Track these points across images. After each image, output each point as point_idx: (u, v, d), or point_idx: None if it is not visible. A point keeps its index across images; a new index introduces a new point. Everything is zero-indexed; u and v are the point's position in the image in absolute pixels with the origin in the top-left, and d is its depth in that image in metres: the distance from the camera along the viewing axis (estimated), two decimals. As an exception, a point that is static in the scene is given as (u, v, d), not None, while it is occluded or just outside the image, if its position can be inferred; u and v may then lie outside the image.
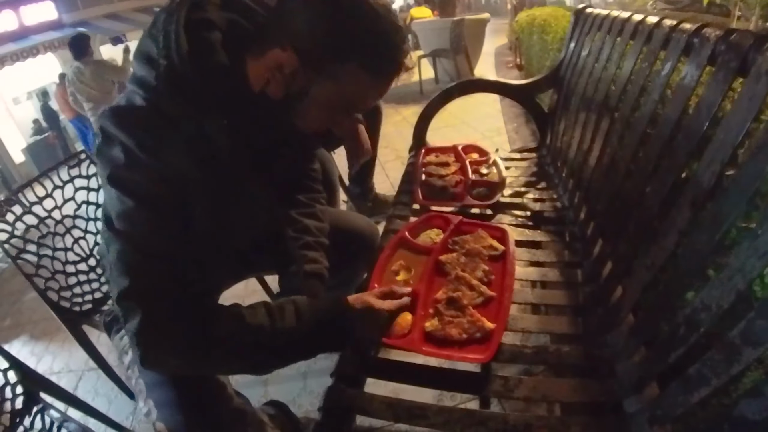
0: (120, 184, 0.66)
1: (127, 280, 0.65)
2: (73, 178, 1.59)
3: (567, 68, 1.58)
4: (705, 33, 0.75)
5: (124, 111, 0.68)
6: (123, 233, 0.67)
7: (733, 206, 0.55)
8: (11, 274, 3.94)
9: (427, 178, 1.45)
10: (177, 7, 0.69)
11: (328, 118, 0.77)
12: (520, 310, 0.96)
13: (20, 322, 2.89)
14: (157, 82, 0.66)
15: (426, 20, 6.90)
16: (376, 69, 0.71)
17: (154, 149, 0.66)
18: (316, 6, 0.67)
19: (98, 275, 1.59)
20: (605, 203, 1.04)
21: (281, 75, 0.70)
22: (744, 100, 0.59)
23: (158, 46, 0.67)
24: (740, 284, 0.49)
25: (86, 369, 2.10)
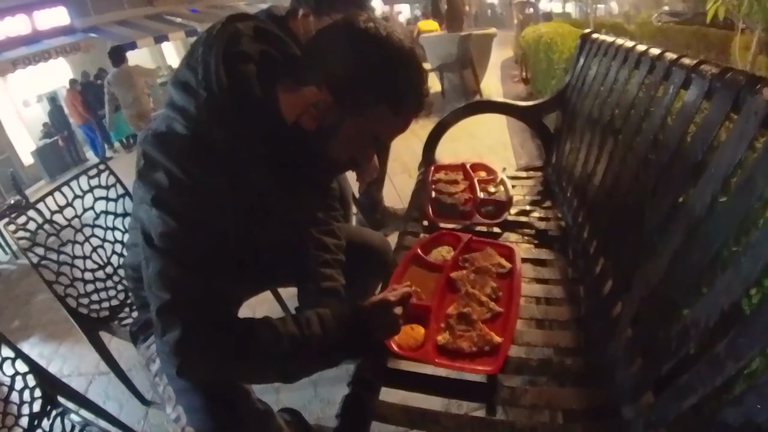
0: (164, 206, 0.71)
1: (168, 294, 0.69)
2: (92, 188, 1.64)
3: (573, 91, 1.64)
4: (703, 69, 0.80)
5: (167, 138, 0.73)
6: (165, 251, 0.71)
7: (722, 232, 0.60)
8: (19, 276, 4.00)
9: (437, 196, 1.50)
10: (214, 40, 0.74)
11: (357, 148, 0.82)
12: (526, 324, 1.01)
13: (29, 325, 2.93)
14: (198, 111, 0.71)
15: (433, 34, 6.98)
16: (404, 109, 0.77)
17: (196, 175, 0.71)
18: (351, 51, 0.72)
19: (115, 283, 1.64)
20: (607, 223, 1.09)
21: (315, 110, 0.75)
22: (734, 136, 0.64)
23: (197, 77, 0.72)
24: (725, 304, 0.54)
25: (97, 373, 2.13)
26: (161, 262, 0.71)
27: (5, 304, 3.45)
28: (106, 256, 1.65)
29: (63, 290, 1.49)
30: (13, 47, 10.09)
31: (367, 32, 0.73)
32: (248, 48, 0.76)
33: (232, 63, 0.73)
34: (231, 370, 0.74)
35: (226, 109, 0.71)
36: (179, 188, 0.70)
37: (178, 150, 0.71)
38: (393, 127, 0.80)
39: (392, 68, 0.73)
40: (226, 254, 0.74)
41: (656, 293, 0.76)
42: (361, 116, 0.75)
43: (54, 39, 10.69)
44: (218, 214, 0.73)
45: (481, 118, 1.94)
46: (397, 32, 0.75)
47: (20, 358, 1.19)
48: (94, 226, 1.64)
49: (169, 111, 0.74)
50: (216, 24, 0.77)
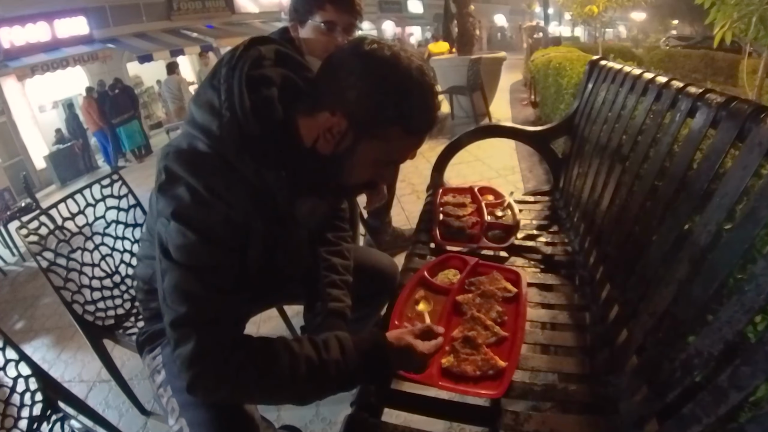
0: (184, 220, 0.72)
1: (184, 307, 0.70)
2: (105, 197, 1.67)
3: (581, 116, 1.66)
4: (708, 98, 0.82)
5: (189, 155, 0.75)
6: (182, 264, 0.72)
7: (727, 261, 0.60)
8: (26, 279, 4.03)
9: (444, 219, 1.51)
10: (237, 62, 0.75)
11: (372, 172, 0.82)
12: (531, 349, 1.00)
13: (33, 328, 2.95)
14: (221, 131, 0.73)
15: (444, 57, 7.08)
16: (417, 130, 0.77)
17: (218, 192, 0.72)
18: (360, 74, 0.73)
19: (122, 292, 1.65)
20: (614, 249, 1.09)
21: (331, 135, 0.77)
22: (739, 166, 0.64)
23: (220, 98, 0.74)
24: (728, 335, 0.55)
25: (98, 380, 2.14)
26: (178, 275, 0.72)
27: (11, 306, 3.48)
28: (114, 265, 1.67)
29: (70, 296, 1.50)
30: (32, 53, 10.32)
31: (373, 54, 0.74)
32: (270, 72, 0.78)
33: (255, 86, 0.75)
34: (243, 389, 0.73)
35: (248, 130, 0.73)
36: (200, 203, 0.72)
37: (201, 167, 0.73)
38: (407, 147, 0.80)
39: (401, 88, 0.73)
40: (243, 271, 0.76)
41: (662, 322, 0.76)
42: (375, 138, 0.76)
43: (73, 47, 10.93)
44: (238, 232, 0.75)
45: (490, 141, 1.96)
46: (404, 51, 0.76)
47: (24, 361, 1.20)
48: (104, 235, 1.66)
49: (190, 129, 0.76)
50: (239, 46, 0.78)
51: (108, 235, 1.67)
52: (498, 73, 6.60)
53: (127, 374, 1.73)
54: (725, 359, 0.55)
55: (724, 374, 0.52)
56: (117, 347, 1.59)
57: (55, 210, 1.60)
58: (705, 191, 0.73)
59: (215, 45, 12.95)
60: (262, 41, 0.82)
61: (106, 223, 1.67)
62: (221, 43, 13.09)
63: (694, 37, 18.39)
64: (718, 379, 0.53)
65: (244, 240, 0.76)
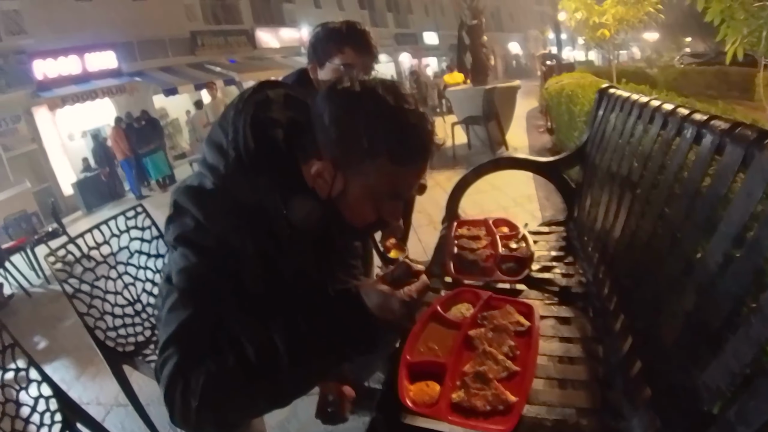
0: (186, 243, 0.77)
1: (173, 327, 0.73)
2: (129, 229, 1.74)
3: (592, 145, 1.67)
4: (713, 125, 0.82)
5: (196, 190, 0.79)
6: (180, 288, 0.76)
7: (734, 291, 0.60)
8: (50, 300, 4.15)
9: (459, 252, 1.51)
10: (244, 105, 0.80)
11: (374, 208, 0.80)
12: (543, 384, 0.99)
13: (53, 349, 3.03)
14: (226, 170, 0.77)
15: (459, 88, 7.19)
16: (404, 159, 0.74)
17: (220, 224, 0.76)
18: (336, 117, 0.74)
19: (142, 320, 1.70)
20: (627, 279, 1.09)
21: (323, 180, 0.78)
22: (743, 195, 0.64)
23: (227, 139, 0.78)
24: (735, 368, 0.54)
25: (115, 404, 2.17)
26: (175, 298, 0.75)
27: (34, 326, 3.58)
28: (136, 294, 1.72)
29: (93, 322, 1.56)
30: (63, 85, 10.89)
31: (343, 93, 0.75)
32: (277, 115, 0.81)
33: (260, 128, 0.78)
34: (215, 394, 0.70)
35: (252, 169, 0.76)
36: (203, 232, 0.76)
37: (206, 201, 0.77)
38: (400, 179, 0.77)
39: (374, 119, 0.72)
40: (238, 301, 0.78)
41: (672, 353, 0.75)
42: (364, 175, 0.75)
43: (101, 80, 11.48)
44: (238, 262, 0.77)
45: (507, 171, 1.98)
46: (383, 83, 0.75)
47: (45, 382, 1.24)
48: (127, 264, 1.72)
49: (201, 168, 0.81)
50: (248, 90, 0.83)
51: (131, 265, 1.73)
52: (513, 102, 6.66)
53: (144, 399, 1.75)
54: (734, 393, 0.54)
55: (732, 409, 0.51)
56: (135, 372, 1.62)
57: (81, 239, 1.66)
58: (710, 220, 0.73)
59: (237, 79, 13.44)
60: (271, 85, 0.86)
61: (129, 253, 1.74)
62: (243, 77, 13.57)
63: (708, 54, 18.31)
64: (726, 414, 0.52)
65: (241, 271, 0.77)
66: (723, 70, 11.23)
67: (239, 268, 0.78)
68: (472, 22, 6.80)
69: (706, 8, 3.10)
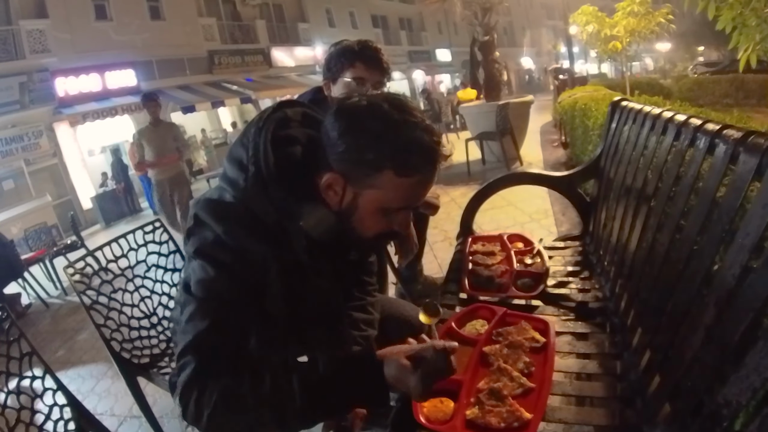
0: (205, 256, 0.79)
1: (190, 336, 0.76)
2: (147, 243, 1.77)
3: (606, 159, 1.66)
4: (726, 134, 0.82)
5: (216, 204, 0.82)
6: (199, 299, 0.78)
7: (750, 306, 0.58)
8: (68, 312, 4.22)
9: (474, 268, 1.51)
10: (264, 123, 0.82)
11: (384, 219, 0.82)
12: (560, 401, 0.97)
13: (70, 360, 3.07)
14: (246, 184, 0.79)
15: (472, 105, 7.22)
16: (409, 171, 0.76)
17: (239, 237, 0.78)
18: (343, 130, 0.76)
19: (158, 333, 1.71)
20: (644, 294, 1.07)
21: (333, 193, 0.80)
22: (758, 205, 0.63)
23: (248, 154, 0.80)
24: (756, 383, 0.52)
25: (129, 416, 2.18)
26: (193, 307, 0.78)
27: (52, 336, 3.63)
28: (152, 307, 1.74)
29: (109, 333, 1.57)
30: (84, 102, 11.23)
31: (350, 108, 0.78)
32: (296, 132, 0.84)
33: (280, 145, 0.81)
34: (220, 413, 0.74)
35: (271, 184, 0.78)
36: (222, 246, 0.78)
37: (226, 215, 0.80)
38: (408, 191, 0.79)
39: (379, 132, 0.74)
40: (251, 312, 0.80)
41: (692, 369, 0.73)
42: (372, 188, 0.77)
43: (121, 98, 11.83)
44: (255, 276, 0.79)
45: (522, 186, 1.97)
46: (389, 99, 0.77)
47: (61, 391, 1.26)
48: (144, 278, 1.74)
49: (222, 182, 0.84)
50: (268, 108, 0.86)
51: (148, 278, 1.75)
52: (527, 117, 6.66)
53: (158, 412, 1.76)
54: (756, 408, 0.53)
55: (753, 425, 0.50)
56: (150, 385, 1.63)
57: (100, 252, 1.70)
58: (727, 232, 0.72)
59: (254, 97, 13.73)
60: (290, 104, 0.89)
61: (146, 267, 1.76)
62: (259, 95, 13.87)
63: (722, 62, 18.13)
64: (746, 430, 0.51)
65: (258, 285, 0.80)
66: (739, 78, 11.09)
67: (257, 285, 0.80)
68: (484, 38, 6.84)
69: (717, 16, 3.08)
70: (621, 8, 8.44)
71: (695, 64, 20.86)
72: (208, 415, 0.74)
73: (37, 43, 10.59)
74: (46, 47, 10.68)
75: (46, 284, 5.01)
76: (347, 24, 20.92)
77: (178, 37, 13.55)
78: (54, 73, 10.80)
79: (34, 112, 10.45)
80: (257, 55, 16.44)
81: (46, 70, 10.68)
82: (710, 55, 24.86)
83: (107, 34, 11.97)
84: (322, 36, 18.18)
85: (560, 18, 21.01)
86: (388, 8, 24.28)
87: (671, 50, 28.44)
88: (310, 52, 18.34)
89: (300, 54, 18.14)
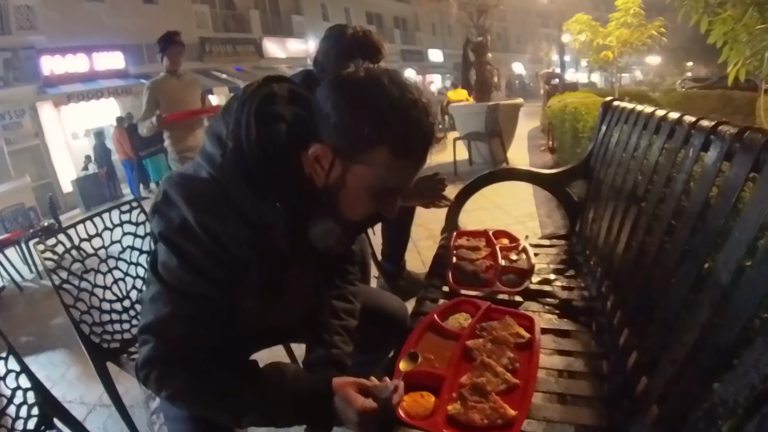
0: (170, 243, 0.75)
1: (152, 317, 0.76)
2: (122, 223, 1.69)
3: (596, 159, 1.65)
4: (721, 130, 0.80)
5: (189, 181, 0.76)
6: (164, 281, 0.76)
7: (749, 302, 0.57)
8: (42, 297, 4.12)
9: (458, 262, 1.48)
10: (249, 98, 0.77)
11: (370, 201, 0.79)
12: (544, 399, 0.94)
13: (42, 346, 2.98)
14: (222, 160, 0.74)
15: (462, 104, 7.24)
16: (405, 150, 0.73)
17: (209, 227, 0.73)
18: (340, 102, 0.72)
19: (130, 317, 1.64)
20: (632, 294, 1.05)
21: (320, 166, 0.76)
22: (756, 200, 0.62)
23: (227, 129, 0.75)
24: (755, 380, 0.51)
25: (99, 404, 2.12)
26: (156, 289, 0.76)
27: (24, 322, 3.54)
28: (125, 290, 1.67)
29: (79, 315, 1.50)
30: (70, 82, 10.97)
31: (348, 79, 0.74)
32: (282, 109, 0.79)
33: (263, 121, 0.76)
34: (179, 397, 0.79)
35: (249, 161, 0.73)
36: (188, 233, 0.73)
37: (196, 193, 0.74)
38: (400, 171, 0.76)
39: (378, 107, 0.71)
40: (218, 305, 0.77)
41: (684, 369, 0.71)
42: (363, 164, 0.74)
43: (108, 80, 11.59)
44: (225, 267, 0.75)
45: (508, 188, 1.95)
46: (387, 73, 0.74)
47: (24, 373, 1.19)
48: (118, 259, 1.67)
49: (198, 158, 0.78)
50: (253, 83, 0.81)
51: (122, 260, 1.68)
52: (516, 120, 6.70)
53: (128, 401, 1.69)
54: (753, 407, 0.51)
55: (752, 423, 0.48)
56: (122, 374, 1.57)
57: (74, 230, 1.62)
58: (723, 228, 0.70)
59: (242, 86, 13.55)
60: (277, 80, 0.83)
61: (121, 248, 1.69)
62: (248, 84, 13.72)
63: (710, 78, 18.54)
64: (744, 429, 0.49)
65: (230, 275, 0.76)
66: (726, 94, 11.35)
67: (226, 277, 0.76)
68: (478, 39, 6.87)
69: (709, 30, 3.12)
70: (614, 18, 8.55)
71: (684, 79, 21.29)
72: (167, 396, 0.78)
73: (25, 19, 10.33)
74: (34, 24, 10.42)
75: (21, 267, 4.88)
76: (342, 19, 20.76)
77: (170, 23, 13.12)
78: (40, 51, 10.54)
79: (18, 91, 10.18)
80: (249, 45, 16.28)
81: (32, 48, 10.41)
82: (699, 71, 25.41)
83: (98, 15, 11.71)
84: (315, 30, 18.05)
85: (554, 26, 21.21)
86: (383, 6, 24.28)
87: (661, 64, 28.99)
88: (303, 45, 18.23)
89: (292, 47, 18.02)
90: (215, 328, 0.78)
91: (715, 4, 3.10)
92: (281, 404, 0.81)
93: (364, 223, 0.86)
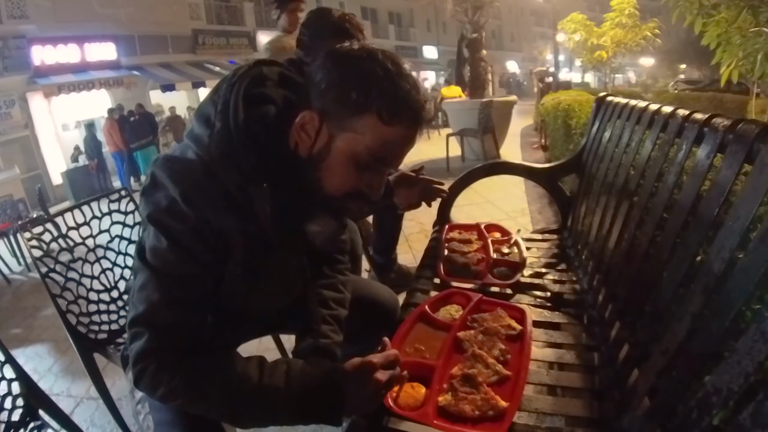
0: (158, 224, 0.73)
1: (143, 306, 0.72)
2: (111, 212, 1.66)
3: (589, 153, 1.65)
4: (714, 123, 0.80)
5: (175, 162, 0.75)
6: (152, 267, 0.73)
7: (743, 289, 0.57)
8: (29, 290, 4.07)
9: (449, 254, 1.47)
10: (238, 80, 0.76)
11: (355, 174, 0.76)
12: (536, 390, 0.94)
13: (29, 338, 2.94)
14: (209, 140, 0.73)
15: (456, 100, 7.23)
16: (394, 118, 0.71)
17: (196, 204, 0.72)
18: (331, 69, 0.72)
19: (118, 308, 1.62)
20: (623, 287, 1.06)
21: (305, 133, 0.75)
22: (749, 189, 0.62)
23: (216, 110, 0.74)
24: (749, 368, 0.50)
25: (86, 397, 2.10)
26: (146, 275, 0.73)
27: (11, 313, 3.50)
28: (113, 280, 1.65)
29: (65, 305, 1.48)
30: (61, 73, 10.80)
31: (341, 49, 0.74)
32: (271, 92, 0.78)
33: (252, 102, 0.75)
34: (177, 393, 0.73)
35: (236, 142, 0.72)
36: (176, 212, 0.72)
37: (183, 173, 0.73)
38: (387, 141, 0.73)
39: (368, 73, 0.70)
40: (216, 291, 0.76)
41: (675, 360, 0.71)
42: (350, 131, 0.72)
43: (100, 71, 11.44)
44: (212, 247, 0.74)
45: (500, 184, 1.95)
46: (382, 50, 0.74)
47: (9, 364, 1.18)
48: (106, 249, 1.64)
49: (186, 139, 0.77)
50: (243, 65, 0.80)
51: (111, 250, 1.65)
52: (509, 117, 6.72)
53: (116, 394, 1.67)
54: (747, 395, 0.50)
55: (746, 411, 0.48)
56: (109, 366, 1.55)
57: (61, 219, 1.60)
58: (716, 217, 0.71)
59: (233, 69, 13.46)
60: (267, 63, 0.82)
61: (110, 237, 1.66)
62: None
63: (703, 81, 18.67)
64: (739, 417, 0.48)
65: (216, 255, 0.75)
66: (718, 97, 11.43)
67: (214, 259, 0.75)
68: (473, 35, 6.87)
69: (703, 32, 3.14)
70: (609, 18, 8.58)
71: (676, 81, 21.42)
72: (162, 394, 0.73)
73: (16, 8, 10.17)
74: (25, 13, 10.26)
75: (9, 260, 4.80)
76: (337, 14, 20.71)
77: (163, 14, 13.17)
78: (31, 41, 10.38)
79: (7, 81, 10.03)
80: (242, 37, 16.15)
81: (23, 37, 10.25)
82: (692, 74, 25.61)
83: (90, 5, 11.55)
84: (310, 24, 17.94)
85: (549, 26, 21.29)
86: (378, 1, 24.17)
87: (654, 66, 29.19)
88: (297, 39, 18.09)
89: (287, 41, 17.89)
90: (205, 312, 0.76)
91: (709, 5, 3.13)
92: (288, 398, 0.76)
93: (348, 201, 0.82)
